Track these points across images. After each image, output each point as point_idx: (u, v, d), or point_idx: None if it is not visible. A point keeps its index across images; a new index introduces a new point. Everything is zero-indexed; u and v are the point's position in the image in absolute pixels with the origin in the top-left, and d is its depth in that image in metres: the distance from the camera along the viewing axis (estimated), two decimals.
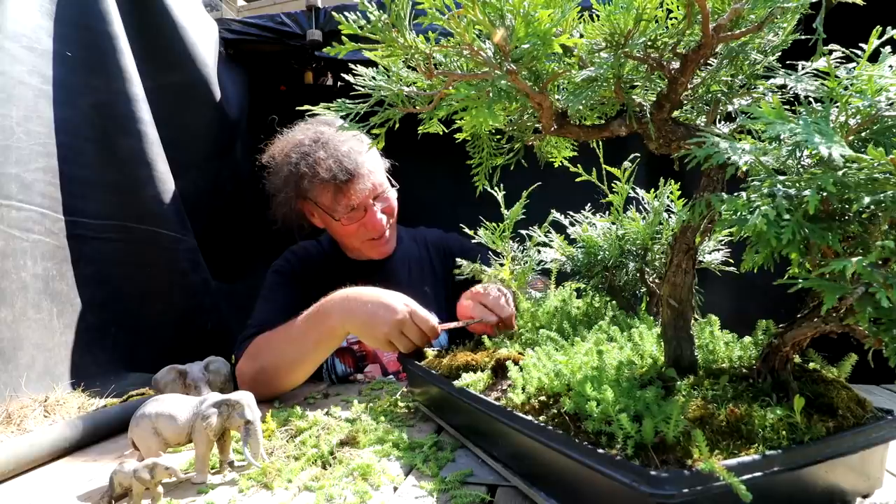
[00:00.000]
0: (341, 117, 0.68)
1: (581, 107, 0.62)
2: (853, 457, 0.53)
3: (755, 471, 0.47)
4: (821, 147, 0.41)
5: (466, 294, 1.14)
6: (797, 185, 0.45)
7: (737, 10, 0.53)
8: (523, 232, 1.05)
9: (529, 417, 0.61)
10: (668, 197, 0.90)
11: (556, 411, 0.59)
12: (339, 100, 0.68)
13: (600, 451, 0.50)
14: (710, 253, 0.91)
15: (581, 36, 0.59)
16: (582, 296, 0.99)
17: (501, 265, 1.04)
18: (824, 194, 0.43)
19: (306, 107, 0.73)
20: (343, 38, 0.61)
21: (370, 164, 1.42)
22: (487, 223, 1.03)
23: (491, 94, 0.57)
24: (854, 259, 0.41)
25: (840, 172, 0.44)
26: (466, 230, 1.06)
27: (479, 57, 0.57)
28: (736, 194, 0.48)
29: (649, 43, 0.57)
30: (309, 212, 1.49)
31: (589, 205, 1.02)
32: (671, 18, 0.57)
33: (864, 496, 0.58)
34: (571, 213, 1.02)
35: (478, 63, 0.59)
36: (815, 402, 0.56)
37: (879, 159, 0.41)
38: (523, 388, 0.66)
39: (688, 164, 0.53)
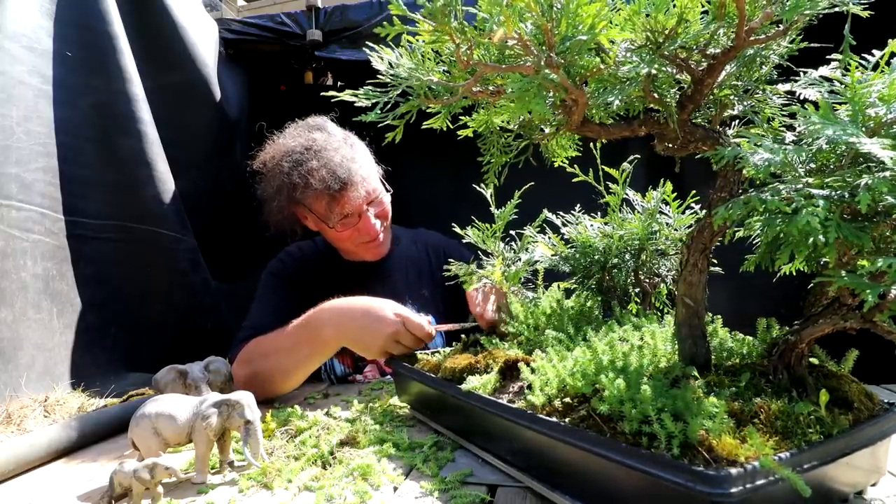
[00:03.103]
0: (367, 109, 0.66)
1: (619, 103, 0.62)
2: (869, 447, 0.54)
3: (799, 465, 0.47)
4: (873, 148, 0.41)
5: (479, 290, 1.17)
6: (830, 186, 0.45)
7: (768, 14, 0.53)
8: (514, 232, 1.05)
9: (553, 419, 0.60)
10: (662, 199, 0.89)
11: (584, 412, 0.58)
12: (365, 87, 0.67)
13: (646, 451, 0.49)
14: None
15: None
16: (572, 296, 0.98)
17: (492, 266, 1.03)
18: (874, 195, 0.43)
19: (331, 93, 0.70)
20: (394, 18, 0.60)
21: (364, 170, 1.41)
22: (479, 223, 1.02)
23: (538, 87, 0.57)
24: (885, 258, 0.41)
25: (885, 174, 0.44)
26: (459, 230, 1.05)
27: (526, 48, 0.56)
28: (768, 195, 0.48)
29: (682, 43, 0.57)
30: (302, 215, 1.47)
31: (578, 205, 1.02)
32: (702, 21, 0.57)
33: (872, 485, 0.61)
34: (562, 213, 1.01)
35: (517, 55, 0.58)
36: (831, 397, 0.56)
37: None
38: (541, 390, 0.65)
39: (716, 164, 0.54)
